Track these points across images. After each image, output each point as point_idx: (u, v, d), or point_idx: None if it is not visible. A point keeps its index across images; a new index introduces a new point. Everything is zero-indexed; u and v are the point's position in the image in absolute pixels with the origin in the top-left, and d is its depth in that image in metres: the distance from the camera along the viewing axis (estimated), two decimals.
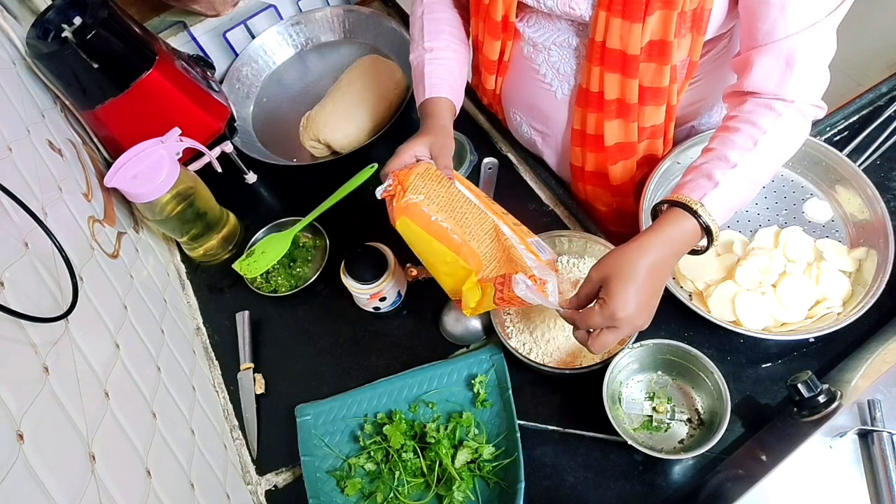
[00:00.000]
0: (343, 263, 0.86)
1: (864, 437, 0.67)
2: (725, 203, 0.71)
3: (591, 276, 0.69)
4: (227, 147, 1.07)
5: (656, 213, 0.75)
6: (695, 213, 0.69)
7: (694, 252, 0.74)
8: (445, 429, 0.81)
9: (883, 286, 0.77)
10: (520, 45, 0.91)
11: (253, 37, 1.29)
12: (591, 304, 0.69)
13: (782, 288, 0.81)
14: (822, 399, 0.69)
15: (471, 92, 1.13)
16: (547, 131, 1.00)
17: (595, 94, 0.84)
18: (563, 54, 0.87)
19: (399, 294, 0.92)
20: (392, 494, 0.78)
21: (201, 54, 1.24)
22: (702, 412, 0.77)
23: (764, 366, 0.81)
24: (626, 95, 0.82)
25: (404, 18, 1.32)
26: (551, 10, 0.80)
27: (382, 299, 0.90)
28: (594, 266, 0.69)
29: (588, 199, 1.02)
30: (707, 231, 0.70)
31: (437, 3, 0.95)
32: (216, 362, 0.96)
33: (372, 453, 0.82)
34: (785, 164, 0.93)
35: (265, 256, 0.99)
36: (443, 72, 0.89)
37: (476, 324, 0.90)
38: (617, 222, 1.03)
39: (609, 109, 0.85)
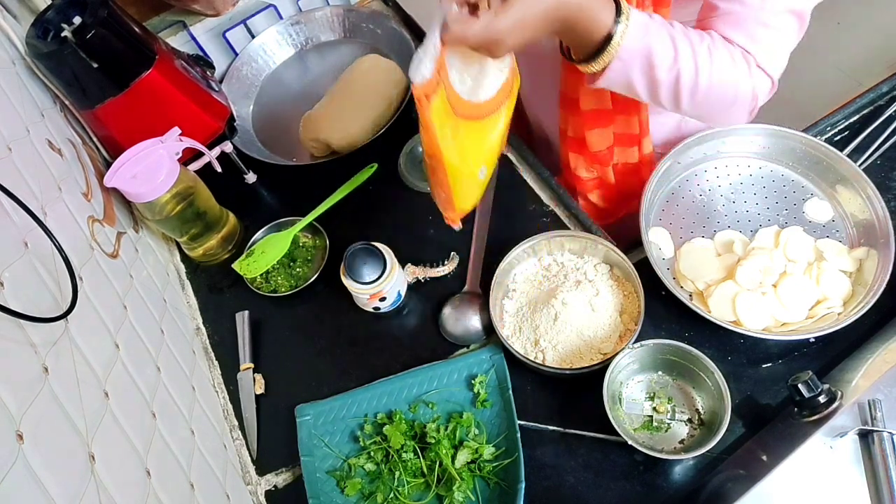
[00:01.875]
0: (343, 263, 0.86)
1: (865, 437, 0.66)
2: (641, 33, 0.66)
3: None
4: (227, 147, 1.07)
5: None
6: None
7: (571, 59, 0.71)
8: (445, 429, 0.81)
9: (883, 286, 0.77)
10: None
11: (253, 36, 1.29)
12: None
13: (783, 288, 0.81)
14: (822, 399, 0.69)
15: None
16: (538, 83, 0.99)
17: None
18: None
19: (399, 294, 0.92)
20: (392, 495, 0.78)
21: (201, 54, 1.24)
22: (702, 412, 0.77)
23: (764, 366, 0.81)
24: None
25: (404, 18, 1.32)
26: None
27: (382, 299, 0.90)
28: None
29: (574, 176, 1.02)
30: (616, 11, 0.65)
31: None
32: (216, 362, 0.96)
33: (372, 453, 0.81)
34: (785, 165, 0.93)
35: (265, 256, 0.99)
36: None
37: (476, 324, 0.90)
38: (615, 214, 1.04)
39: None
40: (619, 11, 0.65)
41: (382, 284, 0.86)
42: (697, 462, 0.76)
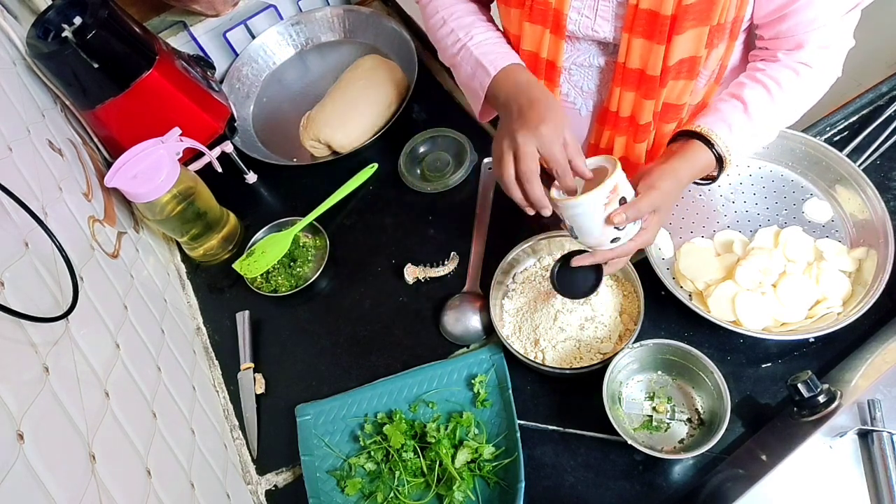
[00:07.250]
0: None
1: (864, 437, 0.67)
2: (738, 146, 0.75)
3: (644, 207, 0.70)
4: (227, 147, 1.07)
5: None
6: (710, 144, 0.74)
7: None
8: (445, 428, 0.81)
9: (883, 286, 0.77)
10: None
11: (253, 37, 1.29)
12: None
13: (782, 288, 0.81)
14: (822, 399, 0.69)
15: None
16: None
17: (613, 113, 0.85)
18: (583, 73, 0.86)
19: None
20: (392, 494, 0.78)
21: (201, 54, 1.24)
22: (702, 412, 0.77)
23: (764, 366, 0.81)
24: (642, 116, 0.83)
25: (404, 18, 1.32)
26: (572, 34, 0.80)
27: (623, 200, 0.68)
28: (649, 198, 0.69)
29: None
30: (719, 160, 0.75)
31: (454, 5, 0.86)
32: (216, 362, 0.96)
33: (372, 453, 0.82)
34: (785, 165, 0.94)
35: (265, 256, 0.99)
36: (499, 46, 0.81)
37: (476, 324, 0.90)
38: None
39: (625, 127, 0.85)
40: (719, 159, 0.75)
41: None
42: (697, 462, 0.76)
